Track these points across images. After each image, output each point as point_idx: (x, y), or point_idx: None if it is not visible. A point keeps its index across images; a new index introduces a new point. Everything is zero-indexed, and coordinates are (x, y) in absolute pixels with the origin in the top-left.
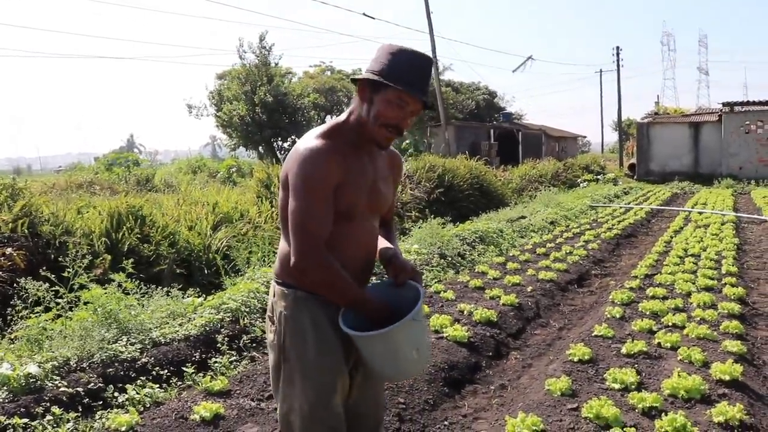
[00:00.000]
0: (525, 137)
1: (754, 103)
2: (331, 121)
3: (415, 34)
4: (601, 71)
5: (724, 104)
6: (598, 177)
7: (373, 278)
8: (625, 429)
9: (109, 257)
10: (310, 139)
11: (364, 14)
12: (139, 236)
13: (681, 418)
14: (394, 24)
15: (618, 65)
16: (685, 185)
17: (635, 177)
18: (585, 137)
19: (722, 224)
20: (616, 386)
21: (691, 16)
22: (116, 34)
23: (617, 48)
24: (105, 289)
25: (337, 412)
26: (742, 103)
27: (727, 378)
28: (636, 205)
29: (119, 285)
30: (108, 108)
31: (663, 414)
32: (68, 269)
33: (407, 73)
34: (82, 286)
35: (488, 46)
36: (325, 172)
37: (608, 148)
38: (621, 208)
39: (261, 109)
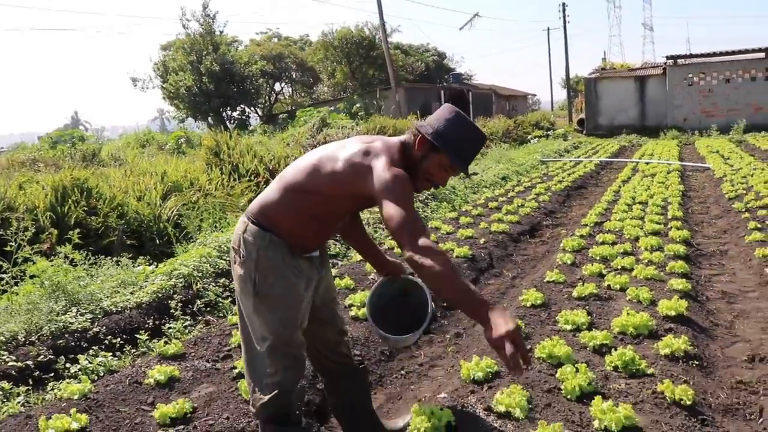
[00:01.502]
0: (475, 97)
1: (696, 56)
2: (393, 147)
3: None
4: (548, 29)
5: (668, 57)
6: (548, 133)
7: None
8: (576, 365)
9: (55, 231)
10: (391, 162)
11: None
12: (86, 209)
13: (629, 352)
14: None
15: (564, 22)
16: (633, 138)
17: (584, 132)
18: (535, 95)
19: (668, 173)
20: (568, 327)
21: None
22: (50, 3)
23: (563, 5)
24: (52, 262)
25: (300, 342)
26: (685, 56)
27: (673, 314)
28: (585, 158)
29: (66, 257)
30: (50, 85)
31: (613, 350)
32: (10, 243)
33: (467, 149)
34: (26, 260)
35: (435, 3)
36: (411, 190)
37: (558, 106)
38: (571, 161)
39: (208, 78)
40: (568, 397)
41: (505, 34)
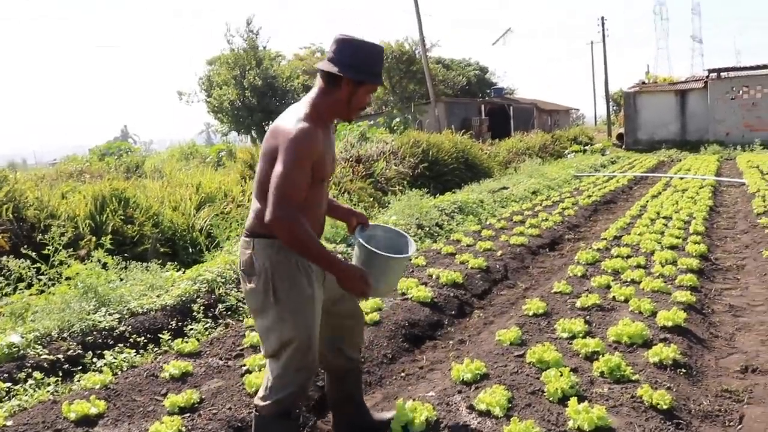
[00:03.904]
0: (517, 112)
1: (739, 69)
2: (310, 102)
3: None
4: (592, 42)
5: (710, 71)
6: (586, 148)
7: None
8: (561, 369)
9: (93, 239)
10: (300, 121)
11: None
12: (123, 218)
13: (616, 359)
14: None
15: (603, 36)
16: (672, 153)
17: (623, 146)
18: (578, 110)
19: (700, 188)
20: (565, 335)
21: None
22: (102, 23)
23: (602, 18)
24: (86, 266)
25: (317, 344)
26: (728, 69)
27: (670, 324)
28: (620, 173)
29: (99, 261)
30: (100, 99)
31: (601, 357)
32: (48, 247)
33: (376, 66)
34: (62, 263)
35: (472, 20)
36: (311, 152)
37: (601, 120)
38: (604, 176)
39: (251, 93)
40: (550, 399)
41: (549, 49)
